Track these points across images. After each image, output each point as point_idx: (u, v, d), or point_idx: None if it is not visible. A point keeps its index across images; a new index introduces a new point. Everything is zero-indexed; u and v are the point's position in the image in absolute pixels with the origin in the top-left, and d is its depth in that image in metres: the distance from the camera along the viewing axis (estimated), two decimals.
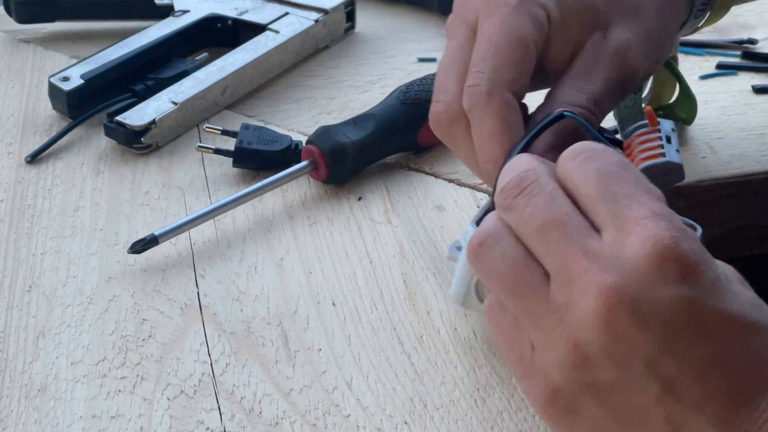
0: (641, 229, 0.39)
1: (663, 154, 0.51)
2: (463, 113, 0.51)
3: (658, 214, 0.39)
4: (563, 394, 0.41)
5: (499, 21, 0.51)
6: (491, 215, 0.44)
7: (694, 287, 0.38)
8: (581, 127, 0.51)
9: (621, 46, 0.52)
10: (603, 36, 0.52)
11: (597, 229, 0.41)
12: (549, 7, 0.52)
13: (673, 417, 0.39)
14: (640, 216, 0.39)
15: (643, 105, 0.61)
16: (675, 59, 0.68)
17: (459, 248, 0.55)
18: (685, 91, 0.67)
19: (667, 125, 0.54)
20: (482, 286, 0.52)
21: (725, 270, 0.40)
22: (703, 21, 0.61)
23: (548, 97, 0.53)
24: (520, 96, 0.51)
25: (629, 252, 0.39)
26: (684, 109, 0.68)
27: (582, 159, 0.42)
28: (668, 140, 0.53)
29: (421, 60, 0.83)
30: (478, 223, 0.50)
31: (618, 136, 0.55)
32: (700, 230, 0.46)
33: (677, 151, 0.52)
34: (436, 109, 0.53)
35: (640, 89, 0.61)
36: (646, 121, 0.54)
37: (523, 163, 0.43)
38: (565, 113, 0.50)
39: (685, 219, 0.46)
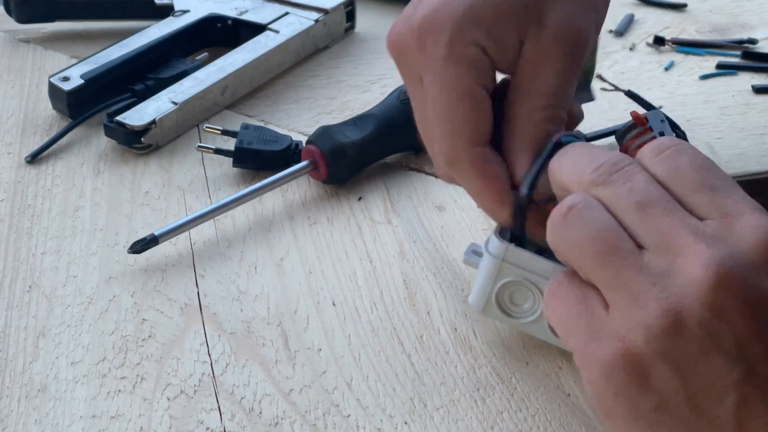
0: (749, 217, 0.39)
1: None
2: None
3: (759, 209, 0.40)
4: (639, 358, 0.39)
5: (438, 80, 0.50)
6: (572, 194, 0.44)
7: None
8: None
9: (561, 22, 0.50)
10: (537, 24, 0.50)
11: (697, 218, 0.41)
12: (479, 39, 0.50)
13: (745, 403, 0.38)
14: (745, 207, 0.40)
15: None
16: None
17: (476, 253, 0.55)
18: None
19: (656, 119, 0.54)
20: (503, 296, 0.52)
21: None
22: None
23: (509, 111, 0.51)
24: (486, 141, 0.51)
25: (740, 234, 0.39)
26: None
27: (672, 152, 0.43)
28: (661, 133, 0.53)
29: None
30: (501, 233, 0.51)
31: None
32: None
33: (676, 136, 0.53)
34: (437, 169, 0.54)
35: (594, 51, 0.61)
36: (632, 122, 0.54)
37: (602, 148, 0.44)
38: (563, 139, 0.49)
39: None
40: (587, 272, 0.42)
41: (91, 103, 0.74)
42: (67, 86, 0.74)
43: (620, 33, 0.86)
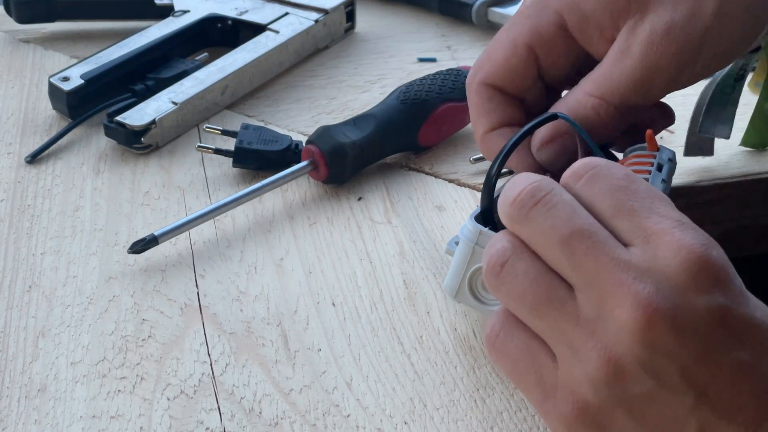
0: (670, 238, 0.39)
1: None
2: None
3: (682, 223, 0.39)
4: (593, 410, 0.40)
5: (509, 23, 0.54)
6: (500, 233, 0.43)
7: (726, 294, 0.38)
8: (575, 132, 0.51)
9: (659, 28, 0.48)
10: (639, 18, 0.49)
11: (622, 243, 0.40)
12: (563, 11, 0.51)
13: (705, 426, 0.38)
14: (665, 227, 0.39)
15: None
16: None
17: (458, 243, 0.55)
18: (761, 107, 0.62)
19: (665, 154, 0.53)
20: (475, 281, 0.52)
21: None
22: None
23: (578, 84, 0.52)
24: (508, 89, 0.54)
25: (662, 262, 0.39)
26: (757, 129, 0.65)
27: (588, 178, 0.42)
28: (659, 168, 0.52)
29: (421, 60, 0.83)
30: (476, 218, 0.51)
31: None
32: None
33: (663, 181, 0.51)
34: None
35: (742, 77, 0.58)
36: (645, 145, 0.53)
37: (531, 175, 0.42)
38: (558, 114, 0.49)
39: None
40: (527, 322, 0.42)
41: (91, 103, 0.74)
42: (67, 86, 0.74)
43: None
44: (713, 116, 0.62)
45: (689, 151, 0.67)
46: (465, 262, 0.51)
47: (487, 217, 0.50)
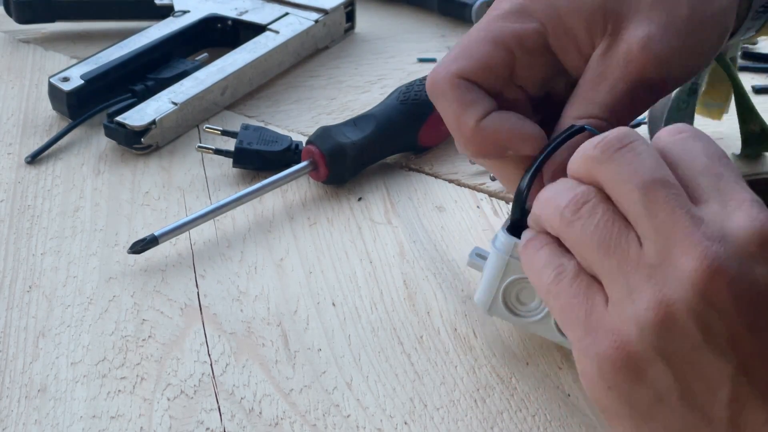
0: (747, 208, 0.39)
1: None
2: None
3: (759, 202, 0.40)
4: (632, 353, 0.39)
5: (481, 22, 0.51)
6: (573, 183, 0.43)
7: None
8: None
9: (635, 44, 0.48)
10: (614, 37, 0.49)
11: (696, 201, 0.41)
12: (541, 17, 0.50)
13: (738, 397, 0.38)
14: (744, 198, 0.40)
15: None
16: (734, 60, 0.65)
17: (480, 256, 0.55)
18: (742, 100, 0.63)
19: None
20: (510, 294, 0.51)
21: None
22: (762, 25, 0.56)
23: (563, 111, 0.51)
24: (486, 85, 0.51)
25: (736, 226, 0.39)
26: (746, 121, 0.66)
27: (689, 136, 0.43)
28: None
29: (421, 60, 0.83)
30: (508, 229, 0.50)
31: None
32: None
33: None
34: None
35: (695, 91, 0.58)
36: None
37: (622, 128, 0.43)
38: (585, 127, 0.48)
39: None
40: (590, 263, 0.42)
41: (91, 103, 0.74)
42: (67, 86, 0.74)
43: None
44: (677, 114, 0.64)
45: None
46: (499, 274, 0.51)
47: (518, 229, 0.49)
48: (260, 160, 0.69)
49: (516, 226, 0.49)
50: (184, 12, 0.83)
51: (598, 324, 0.41)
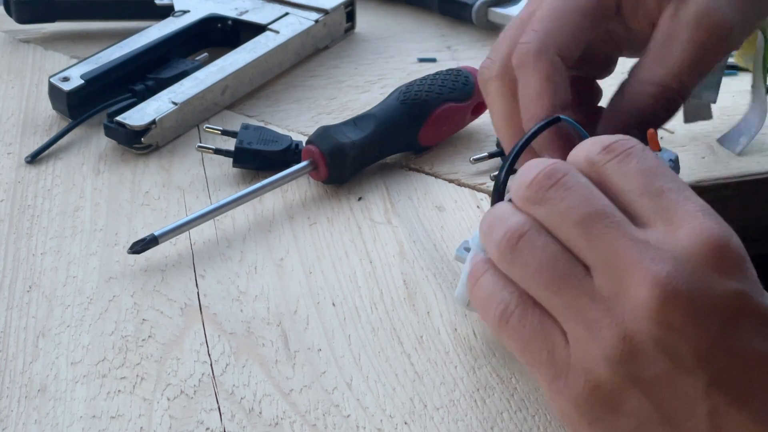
0: (693, 221, 0.39)
1: None
2: (506, 71, 0.52)
3: (707, 210, 0.40)
4: (607, 388, 0.39)
5: (531, 70, 0.50)
6: (511, 208, 0.43)
7: (744, 282, 0.39)
8: (575, 133, 0.50)
9: (702, 8, 0.49)
10: (676, 8, 0.49)
11: (640, 224, 0.40)
12: None
13: (716, 410, 0.38)
14: (690, 210, 0.39)
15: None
16: None
17: (468, 249, 0.55)
18: None
19: (666, 155, 0.53)
20: None
21: None
22: None
23: (630, 74, 0.52)
24: (568, 63, 0.51)
25: (683, 243, 0.39)
26: None
27: (623, 156, 0.42)
28: None
29: (421, 60, 0.83)
30: None
31: None
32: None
33: None
34: (483, 64, 0.54)
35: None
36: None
37: (545, 159, 0.42)
38: (561, 118, 0.49)
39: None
40: (539, 299, 0.42)
41: (91, 103, 0.74)
42: (67, 86, 0.74)
43: None
44: (701, 83, 0.65)
45: (688, 117, 0.69)
46: None
47: None
48: (260, 159, 0.69)
49: None
50: (184, 12, 0.83)
51: (565, 365, 0.41)
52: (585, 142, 0.43)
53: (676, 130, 0.70)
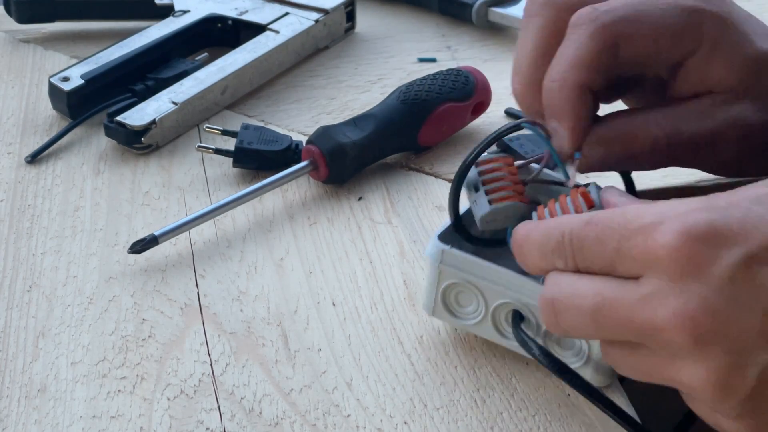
0: (663, 235, 0.39)
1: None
2: (559, 15, 0.50)
3: (653, 225, 0.40)
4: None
5: (586, 33, 0.49)
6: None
7: (731, 255, 0.39)
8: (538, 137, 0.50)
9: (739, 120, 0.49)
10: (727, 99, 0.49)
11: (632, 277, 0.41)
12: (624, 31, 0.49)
13: None
14: (643, 244, 0.40)
15: None
16: None
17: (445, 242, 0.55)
18: None
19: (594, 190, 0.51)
20: (449, 297, 0.53)
21: None
22: None
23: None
24: (617, 59, 0.50)
25: (667, 273, 0.39)
26: None
27: (576, 251, 0.43)
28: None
29: (421, 60, 0.83)
30: (440, 236, 0.51)
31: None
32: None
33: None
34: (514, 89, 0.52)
35: None
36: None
37: (542, 290, 0.44)
38: (523, 125, 0.49)
39: None
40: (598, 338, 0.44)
41: (91, 103, 0.74)
42: (67, 86, 0.74)
43: None
44: None
45: None
46: (435, 280, 0.52)
47: (457, 229, 0.51)
48: (260, 159, 0.69)
49: (454, 227, 0.51)
50: (184, 12, 0.83)
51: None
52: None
53: None
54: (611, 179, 0.51)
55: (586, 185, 0.47)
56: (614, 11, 0.49)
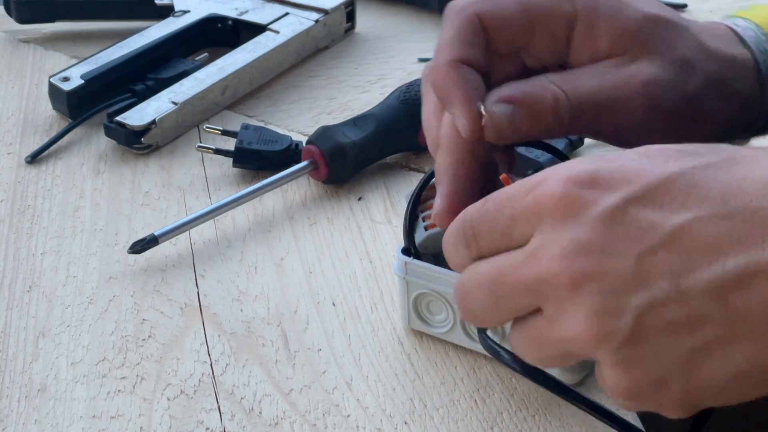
0: (538, 208, 0.39)
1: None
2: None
3: (527, 189, 0.40)
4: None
5: (452, 20, 0.52)
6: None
7: (608, 197, 0.38)
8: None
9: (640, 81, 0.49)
10: (630, 60, 0.49)
11: (521, 242, 0.41)
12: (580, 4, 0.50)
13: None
14: (524, 204, 0.40)
15: None
16: None
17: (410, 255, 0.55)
18: None
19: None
20: (420, 307, 0.54)
21: None
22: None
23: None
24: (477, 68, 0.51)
25: (548, 229, 0.39)
26: None
27: (473, 234, 0.43)
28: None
29: (421, 60, 0.83)
30: (402, 251, 0.53)
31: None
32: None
33: None
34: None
35: None
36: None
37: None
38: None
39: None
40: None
41: (91, 103, 0.74)
42: (67, 86, 0.74)
43: None
44: None
45: None
46: (404, 293, 0.53)
47: (406, 252, 0.53)
48: (260, 159, 0.69)
49: (407, 249, 0.53)
50: (184, 12, 0.83)
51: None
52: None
53: None
54: None
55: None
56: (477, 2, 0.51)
